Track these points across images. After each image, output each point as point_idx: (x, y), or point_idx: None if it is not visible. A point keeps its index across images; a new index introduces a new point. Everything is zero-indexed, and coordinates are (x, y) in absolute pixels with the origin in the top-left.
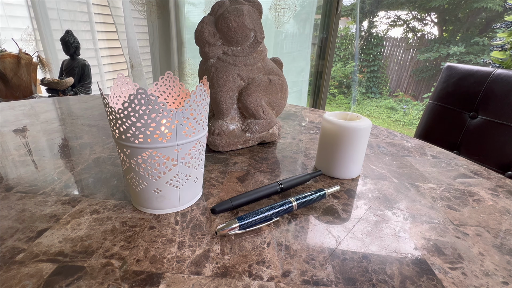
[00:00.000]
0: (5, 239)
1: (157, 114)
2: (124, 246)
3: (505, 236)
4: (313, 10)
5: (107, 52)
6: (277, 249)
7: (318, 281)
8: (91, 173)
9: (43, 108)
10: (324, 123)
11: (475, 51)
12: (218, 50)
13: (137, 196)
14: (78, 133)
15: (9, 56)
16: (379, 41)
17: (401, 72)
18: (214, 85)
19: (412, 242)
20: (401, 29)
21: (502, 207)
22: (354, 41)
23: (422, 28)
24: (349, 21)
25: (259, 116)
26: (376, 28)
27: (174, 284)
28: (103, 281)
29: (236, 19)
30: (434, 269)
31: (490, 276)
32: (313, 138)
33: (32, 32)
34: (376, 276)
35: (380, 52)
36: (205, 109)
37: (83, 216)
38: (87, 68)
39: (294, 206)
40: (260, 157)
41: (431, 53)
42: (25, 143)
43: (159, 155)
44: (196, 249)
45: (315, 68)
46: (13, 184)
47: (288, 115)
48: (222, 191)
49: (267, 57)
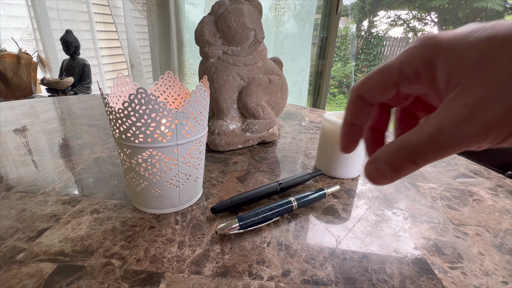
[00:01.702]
0: (6, 239)
1: (157, 114)
2: (124, 245)
3: (505, 235)
4: (313, 9)
5: (107, 52)
6: (277, 248)
7: (318, 281)
8: (91, 173)
9: (43, 108)
10: (324, 123)
11: None
12: (218, 49)
13: (137, 196)
14: (78, 133)
15: (9, 56)
16: (379, 40)
17: None
18: (214, 85)
19: (412, 242)
20: (401, 28)
21: (502, 206)
22: (350, 41)
23: (422, 28)
24: (350, 21)
25: (259, 115)
26: (376, 28)
27: (174, 284)
28: (103, 280)
29: (236, 18)
30: (434, 268)
31: (490, 275)
32: (313, 138)
33: (32, 32)
34: (376, 275)
35: (380, 52)
36: (205, 109)
37: (83, 216)
38: (87, 67)
39: (294, 206)
40: (260, 156)
41: None
42: (25, 143)
43: (159, 154)
44: (196, 248)
45: (315, 68)
46: (13, 184)
47: (288, 115)
48: (222, 190)
49: (267, 57)
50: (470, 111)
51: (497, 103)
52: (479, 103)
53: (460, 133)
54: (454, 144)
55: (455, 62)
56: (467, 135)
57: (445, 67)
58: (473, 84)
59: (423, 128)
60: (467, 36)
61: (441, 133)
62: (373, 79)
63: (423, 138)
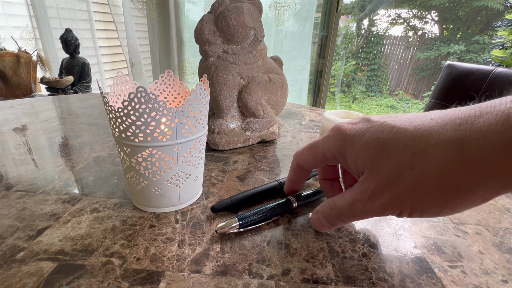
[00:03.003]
0: (5, 238)
1: (157, 113)
2: (124, 244)
3: (505, 234)
4: (313, 8)
5: (107, 51)
6: (277, 247)
7: (318, 280)
8: (91, 172)
9: (42, 107)
10: (324, 122)
11: (475, 50)
12: (218, 48)
13: (137, 195)
14: (78, 132)
15: (8, 55)
16: (379, 39)
17: (401, 70)
18: (214, 84)
19: (412, 241)
20: (401, 27)
21: (502, 205)
22: (352, 40)
23: (423, 27)
24: (350, 20)
25: (259, 114)
26: (376, 27)
27: (174, 283)
28: (103, 279)
29: (236, 17)
30: (433, 267)
31: (489, 274)
32: (313, 136)
33: (31, 31)
34: (376, 274)
35: (381, 51)
36: (205, 108)
37: (83, 215)
38: (86, 66)
39: (294, 205)
40: (260, 155)
41: (431, 52)
42: (25, 142)
43: (159, 153)
44: (196, 247)
45: (315, 67)
46: (13, 183)
47: (288, 114)
48: (222, 189)
49: (267, 56)
50: (370, 194)
51: (385, 192)
52: (375, 190)
53: (366, 209)
54: (363, 214)
55: (357, 156)
56: (371, 210)
57: (351, 158)
58: (371, 174)
59: (345, 197)
60: (363, 134)
61: (354, 204)
62: (304, 154)
63: (345, 205)
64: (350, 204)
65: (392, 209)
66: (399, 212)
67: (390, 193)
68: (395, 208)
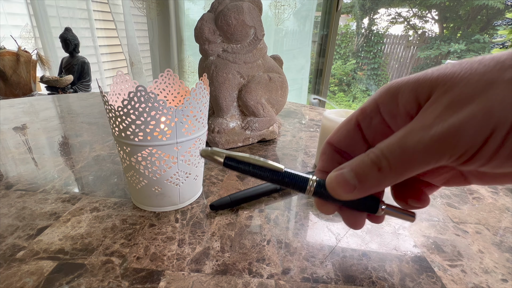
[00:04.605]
0: (6, 237)
1: (157, 112)
2: (124, 243)
3: (505, 233)
4: (313, 7)
5: (107, 50)
6: (277, 246)
7: (318, 279)
8: (91, 171)
9: (42, 106)
10: (324, 121)
11: (476, 49)
12: (218, 47)
13: (137, 194)
14: (77, 131)
15: (8, 54)
16: (380, 38)
17: (401, 69)
18: (214, 83)
19: (412, 240)
20: (401, 26)
21: (502, 204)
22: (353, 39)
23: (423, 26)
24: (350, 18)
25: (259, 113)
26: (376, 26)
27: (174, 282)
28: (103, 278)
29: (236, 16)
30: (433, 266)
31: (489, 273)
32: (313, 136)
33: (31, 30)
34: (376, 273)
35: (381, 50)
36: (205, 107)
37: (83, 214)
38: (86, 65)
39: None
40: (260, 155)
41: (431, 51)
42: (24, 141)
43: (158, 153)
44: (196, 246)
45: (315, 66)
46: (13, 182)
47: (288, 113)
48: (222, 188)
49: (267, 55)
50: (441, 111)
51: (469, 103)
52: (451, 104)
53: (430, 135)
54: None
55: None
56: (434, 136)
57: (408, 89)
58: (444, 92)
59: (393, 136)
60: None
61: (410, 135)
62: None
63: (393, 142)
64: (402, 137)
65: (479, 126)
66: (491, 133)
67: (481, 100)
68: (488, 123)
